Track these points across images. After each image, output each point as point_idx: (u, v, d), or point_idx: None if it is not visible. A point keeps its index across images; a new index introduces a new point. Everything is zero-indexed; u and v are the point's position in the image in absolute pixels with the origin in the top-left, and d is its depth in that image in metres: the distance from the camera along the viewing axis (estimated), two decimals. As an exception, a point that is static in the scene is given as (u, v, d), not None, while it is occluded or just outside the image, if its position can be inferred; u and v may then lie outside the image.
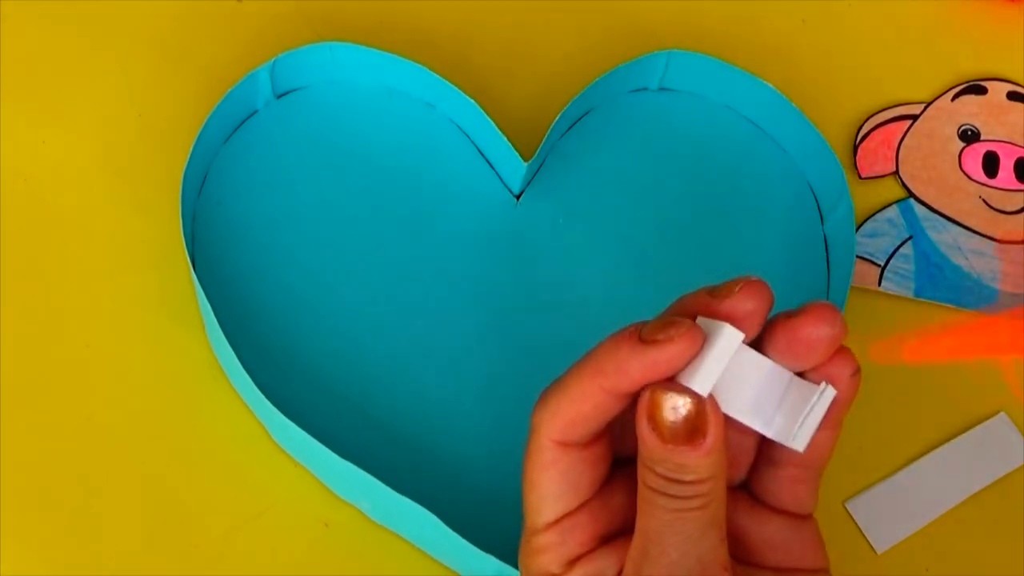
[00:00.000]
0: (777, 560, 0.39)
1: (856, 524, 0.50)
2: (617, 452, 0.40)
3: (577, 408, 0.37)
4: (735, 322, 0.35)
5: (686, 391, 0.34)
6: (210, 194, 0.53)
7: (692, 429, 0.34)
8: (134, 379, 0.50)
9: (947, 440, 0.50)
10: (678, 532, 0.35)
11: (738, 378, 0.36)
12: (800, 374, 0.37)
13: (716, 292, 0.36)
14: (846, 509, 0.50)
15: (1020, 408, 0.52)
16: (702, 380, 0.35)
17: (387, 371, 0.50)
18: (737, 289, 0.36)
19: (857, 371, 0.37)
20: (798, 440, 0.36)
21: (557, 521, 0.38)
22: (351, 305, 0.51)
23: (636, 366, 0.35)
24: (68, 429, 0.49)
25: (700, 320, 0.36)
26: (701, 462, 0.35)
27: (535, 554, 0.38)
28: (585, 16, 0.60)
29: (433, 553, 0.48)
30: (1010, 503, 0.51)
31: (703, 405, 0.34)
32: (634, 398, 0.36)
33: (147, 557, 0.47)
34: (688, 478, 0.35)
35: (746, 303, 0.36)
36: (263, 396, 0.46)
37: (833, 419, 0.38)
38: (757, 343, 0.37)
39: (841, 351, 0.37)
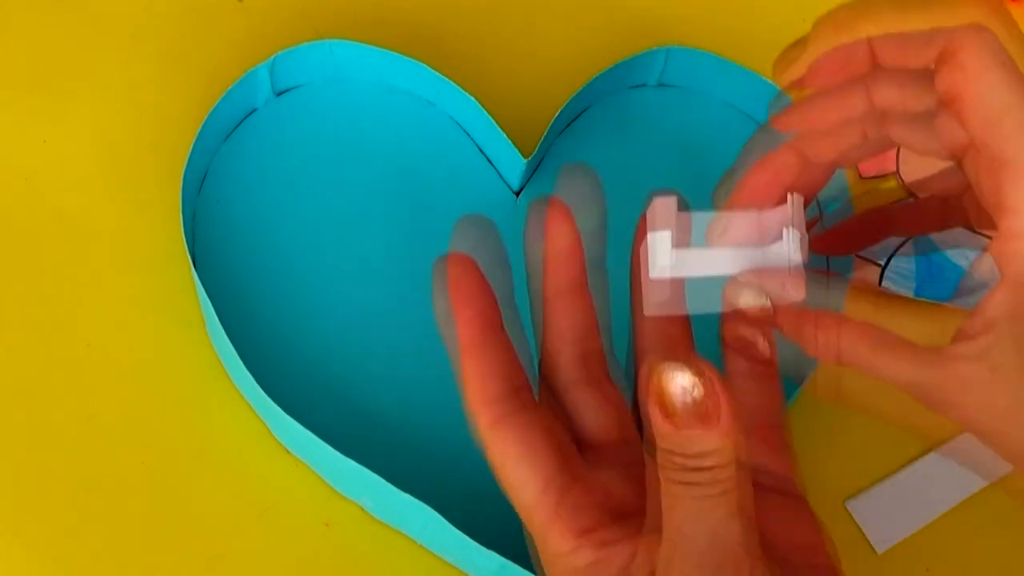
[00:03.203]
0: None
1: (856, 524, 0.50)
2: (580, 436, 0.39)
3: (492, 356, 0.38)
4: None
5: (688, 366, 0.33)
6: (210, 192, 0.53)
7: (704, 411, 0.33)
8: (135, 378, 0.50)
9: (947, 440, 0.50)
10: (703, 521, 0.34)
11: (715, 256, 0.37)
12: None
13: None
14: (846, 509, 0.50)
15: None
16: (662, 260, 0.36)
17: (388, 368, 0.50)
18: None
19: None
20: (794, 247, 0.37)
21: (545, 488, 0.36)
22: (351, 302, 0.51)
23: None
24: (69, 428, 0.49)
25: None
26: (720, 444, 0.33)
27: (541, 538, 0.36)
28: (584, 13, 0.60)
29: (435, 549, 0.48)
30: (1010, 503, 0.51)
31: (712, 384, 0.33)
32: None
33: (148, 556, 0.47)
34: (708, 463, 0.33)
35: None
36: (264, 394, 0.46)
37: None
38: None
39: None
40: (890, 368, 0.36)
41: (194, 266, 0.49)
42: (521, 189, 0.54)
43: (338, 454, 0.45)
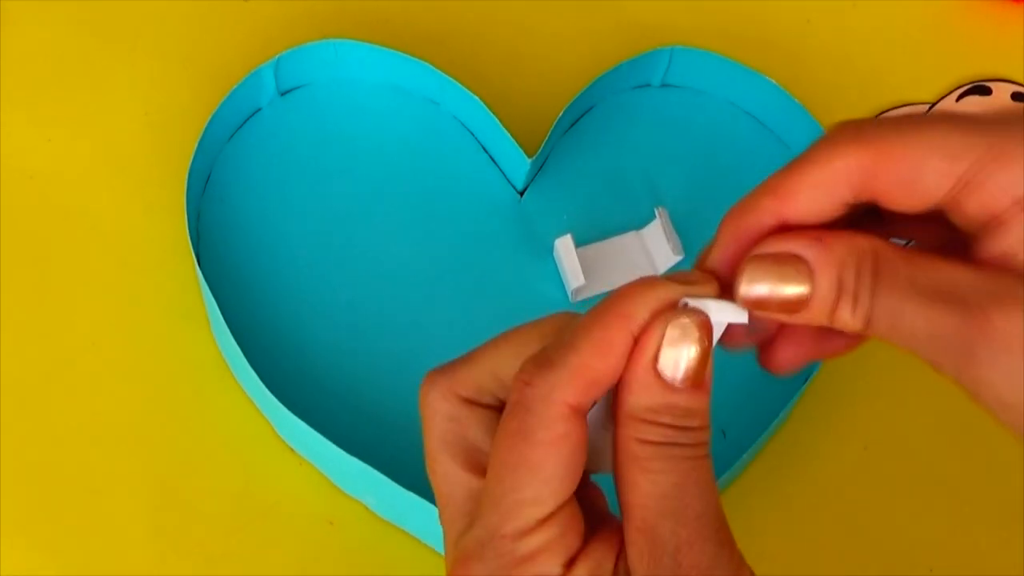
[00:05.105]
0: None
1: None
2: None
3: (603, 361, 0.32)
4: None
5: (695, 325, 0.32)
6: (214, 191, 0.53)
7: (698, 372, 0.32)
8: (139, 377, 0.50)
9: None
10: (696, 482, 0.32)
11: None
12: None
13: None
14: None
15: None
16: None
17: (392, 366, 0.50)
18: None
19: None
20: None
21: (554, 513, 0.32)
22: (356, 301, 0.51)
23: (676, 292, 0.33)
24: (74, 426, 0.49)
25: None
26: (705, 404, 0.32)
27: (523, 562, 0.32)
28: (588, 13, 0.60)
29: (437, 547, 0.48)
30: (1013, 503, 0.51)
31: (706, 351, 0.32)
32: None
33: (153, 554, 0.47)
34: (695, 424, 0.32)
35: None
36: (269, 392, 0.46)
37: None
38: None
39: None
40: (922, 315, 0.31)
41: (199, 265, 0.49)
42: (525, 188, 0.54)
43: (342, 452, 0.45)
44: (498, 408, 0.34)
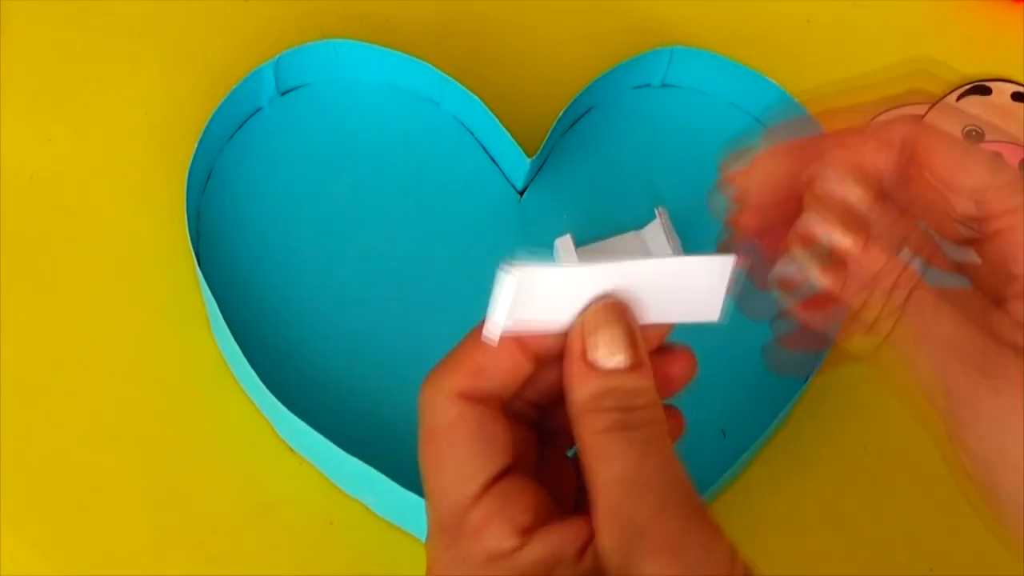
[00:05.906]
0: None
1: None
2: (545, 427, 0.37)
3: (483, 356, 0.34)
4: None
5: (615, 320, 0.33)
6: (215, 191, 0.53)
7: (630, 351, 0.33)
8: (139, 376, 0.50)
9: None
10: (656, 458, 0.32)
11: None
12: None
13: None
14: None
15: None
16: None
17: (392, 366, 0.50)
18: None
19: None
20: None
21: (488, 485, 0.33)
22: (355, 300, 0.51)
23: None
24: (74, 425, 0.49)
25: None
26: (648, 383, 0.33)
27: (471, 539, 0.33)
28: (588, 13, 0.60)
29: (437, 549, 0.48)
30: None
31: (629, 328, 0.33)
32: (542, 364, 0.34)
33: (152, 554, 0.47)
34: (641, 401, 0.33)
35: None
36: (269, 392, 0.46)
37: None
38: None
39: None
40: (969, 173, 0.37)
41: (198, 264, 0.49)
42: (525, 188, 0.54)
43: (342, 452, 0.45)
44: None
